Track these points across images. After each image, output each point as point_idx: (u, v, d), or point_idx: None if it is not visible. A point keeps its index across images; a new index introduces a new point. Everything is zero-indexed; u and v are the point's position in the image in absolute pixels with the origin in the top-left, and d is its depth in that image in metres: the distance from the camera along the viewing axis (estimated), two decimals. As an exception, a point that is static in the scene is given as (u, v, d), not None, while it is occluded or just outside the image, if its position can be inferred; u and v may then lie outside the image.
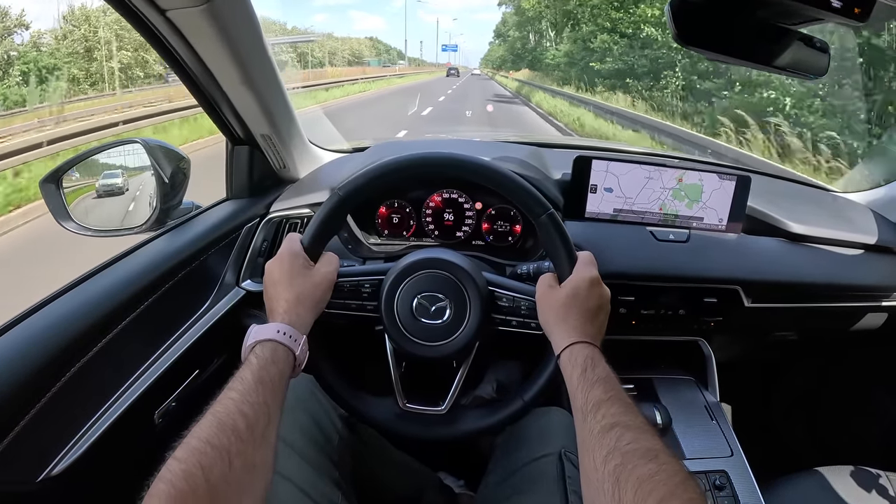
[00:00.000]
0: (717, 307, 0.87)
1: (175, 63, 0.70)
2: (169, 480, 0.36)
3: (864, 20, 0.51)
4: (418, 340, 0.62)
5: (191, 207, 0.87)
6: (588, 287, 0.57)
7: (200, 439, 0.40)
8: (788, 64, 0.59)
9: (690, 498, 0.37)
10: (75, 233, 0.78)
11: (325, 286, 0.59)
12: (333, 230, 0.63)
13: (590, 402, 0.47)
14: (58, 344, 0.54)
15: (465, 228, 0.94)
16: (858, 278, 0.92)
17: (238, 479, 0.40)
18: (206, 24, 0.62)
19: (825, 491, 0.78)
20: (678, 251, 0.87)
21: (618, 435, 0.43)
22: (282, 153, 0.92)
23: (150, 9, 0.59)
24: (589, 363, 0.51)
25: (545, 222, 0.61)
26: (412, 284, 0.63)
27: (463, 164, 0.64)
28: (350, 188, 0.61)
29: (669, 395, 0.94)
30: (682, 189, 0.83)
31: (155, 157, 0.79)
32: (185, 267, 0.74)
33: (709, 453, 0.84)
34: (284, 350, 0.50)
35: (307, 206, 0.90)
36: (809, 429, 1.23)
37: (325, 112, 7.60)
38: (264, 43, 0.73)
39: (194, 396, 0.74)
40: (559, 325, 0.56)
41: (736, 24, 0.56)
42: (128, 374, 0.63)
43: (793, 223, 0.92)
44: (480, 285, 0.63)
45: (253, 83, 0.75)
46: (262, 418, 0.44)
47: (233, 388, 0.45)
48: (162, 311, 0.69)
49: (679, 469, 0.39)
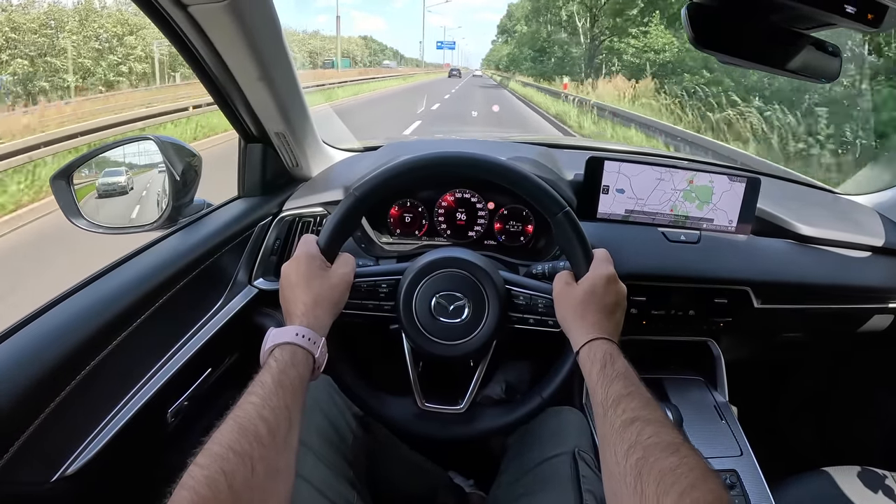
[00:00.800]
0: (727, 308, 0.88)
1: (192, 58, 0.70)
2: (191, 487, 0.36)
3: (876, 26, 0.52)
4: (437, 339, 0.62)
5: (202, 205, 0.87)
6: (605, 284, 0.57)
7: (222, 445, 0.39)
8: (800, 67, 0.60)
9: (711, 489, 0.37)
10: (86, 230, 0.77)
11: (342, 287, 0.58)
12: (349, 231, 0.62)
13: (610, 397, 0.47)
14: (71, 343, 0.53)
15: (478, 228, 0.94)
16: (866, 280, 0.93)
17: (261, 484, 0.39)
18: (228, 19, 0.62)
19: (832, 491, 0.79)
20: (689, 252, 0.87)
21: (639, 429, 0.43)
22: (295, 151, 0.92)
23: (172, 4, 0.59)
24: (608, 359, 0.51)
25: (561, 220, 0.61)
26: (430, 284, 0.63)
27: (478, 164, 0.64)
28: (366, 188, 0.61)
29: (679, 395, 0.94)
30: (693, 191, 0.84)
31: (167, 155, 0.79)
32: (197, 265, 0.73)
33: (718, 453, 0.84)
34: (304, 353, 0.50)
35: (320, 204, 0.90)
36: (816, 429, 1.23)
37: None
38: (283, 40, 0.73)
39: (207, 395, 0.74)
40: (577, 322, 0.56)
41: (750, 28, 0.57)
42: (141, 373, 0.63)
43: (801, 225, 0.93)
44: (498, 284, 0.63)
45: (270, 80, 0.75)
46: (284, 423, 0.43)
47: (253, 393, 0.44)
48: (175, 309, 0.68)
49: (700, 462, 0.40)
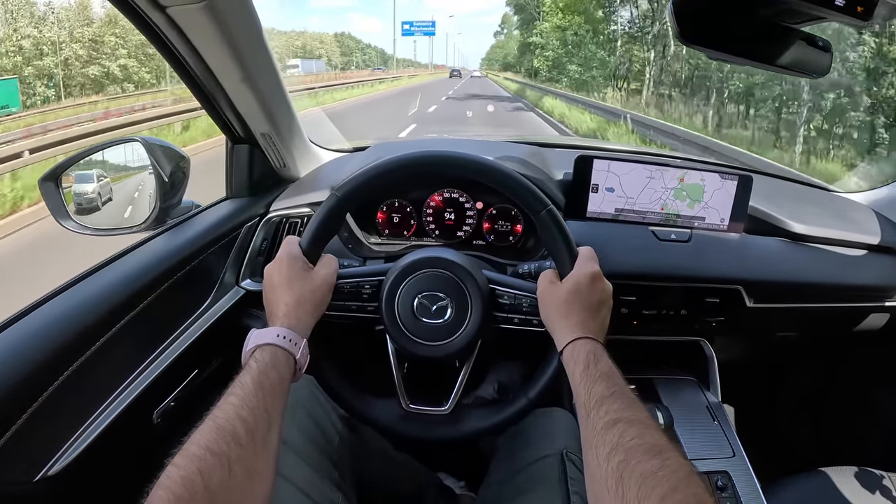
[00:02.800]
0: (719, 307, 0.87)
1: (175, 61, 0.70)
2: (168, 487, 0.36)
3: (867, 19, 0.51)
4: (420, 340, 0.62)
5: (190, 206, 0.87)
6: (589, 282, 0.57)
7: (200, 445, 0.39)
8: (790, 63, 0.59)
9: (694, 493, 0.37)
10: (75, 232, 0.78)
11: (324, 289, 0.58)
12: (332, 232, 0.62)
13: (592, 398, 0.47)
14: (56, 343, 0.53)
15: (466, 228, 0.94)
16: (861, 278, 0.91)
17: (238, 485, 0.39)
18: (207, 21, 0.62)
19: (828, 491, 0.78)
20: (680, 251, 0.86)
21: (621, 431, 0.42)
22: (282, 152, 0.92)
23: (151, 6, 0.59)
24: (591, 359, 0.51)
25: (545, 218, 0.61)
26: (412, 284, 0.62)
27: (461, 163, 0.63)
28: (348, 189, 0.61)
29: (671, 395, 0.93)
30: (684, 189, 0.83)
31: (155, 156, 0.79)
32: (184, 266, 0.73)
33: (711, 454, 0.83)
34: (285, 354, 0.50)
35: (307, 205, 0.90)
36: (812, 430, 1.22)
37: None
38: (265, 40, 0.73)
39: (193, 396, 0.74)
40: (561, 322, 0.56)
41: (738, 22, 0.56)
42: (126, 374, 0.63)
43: (795, 223, 0.91)
44: (481, 283, 0.62)
45: (253, 81, 0.75)
46: (263, 424, 0.43)
47: (232, 394, 0.44)
48: (161, 310, 0.68)
49: (683, 464, 0.39)
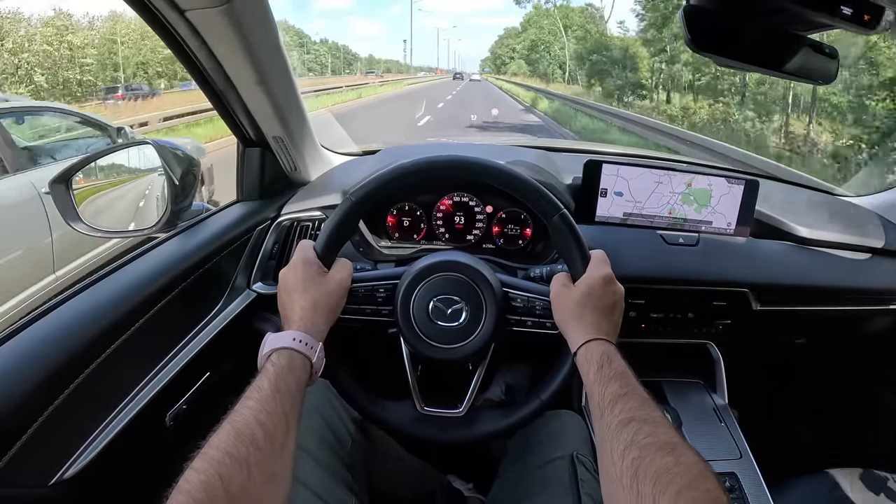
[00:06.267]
0: (726, 310, 0.88)
1: (190, 63, 0.70)
2: (188, 492, 0.36)
3: (873, 27, 0.52)
4: (435, 343, 0.62)
5: (201, 210, 0.87)
6: (602, 285, 0.57)
7: (219, 450, 0.39)
8: (797, 69, 0.60)
9: (708, 489, 0.37)
10: (85, 234, 0.78)
11: (339, 293, 0.59)
12: (347, 236, 0.62)
13: (606, 397, 0.47)
14: (70, 346, 0.54)
15: (476, 232, 0.94)
16: (866, 282, 0.92)
17: (258, 489, 0.39)
18: (225, 24, 0.62)
19: (834, 493, 0.79)
20: (688, 255, 0.87)
21: (635, 429, 0.43)
22: (293, 155, 0.92)
23: (169, 9, 0.59)
24: (605, 359, 0.51)
25: (557, 222, 0.61)
26: (428, 288, 0.63)
27: (474, 167, 0.64)
28: (362, 193, 0.61)
29: (678, 398, 0.94)
30: (692, 193, 0.84)
31: (165, 159, 0.79)
32: (196, 269, 0.74)
33: (718, 456, 0.84)
34: (301, 358, 0.50)
35: (318, 208, 0.90)
36: (817, 432, 1.23)
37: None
38: (280, 44, 0.73)
39: (205, 399, 0.74)
40: (575, 323, 0.56)
41: (747, 30, 0.57)
42: (139, 377, 0.63)
43: (800, 227, 0.92)
44: (495, 287, 0.63)
45: (268, 84, 0.75)
46: (281, 427, 0.43)
47: (250, 398, 0.44)
48: (174, 313, 0.69)
49: (697, 461, 0.40)
